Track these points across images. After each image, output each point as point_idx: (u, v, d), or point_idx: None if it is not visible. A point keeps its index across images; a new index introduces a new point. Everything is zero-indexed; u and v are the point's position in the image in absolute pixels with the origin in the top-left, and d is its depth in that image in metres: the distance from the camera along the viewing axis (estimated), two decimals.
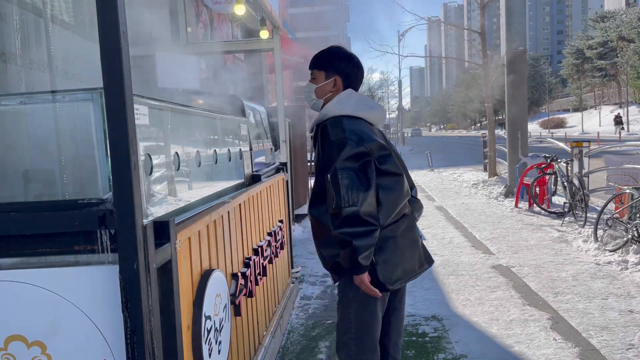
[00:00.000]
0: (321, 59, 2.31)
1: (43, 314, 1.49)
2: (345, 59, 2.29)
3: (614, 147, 9.66)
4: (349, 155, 2.04)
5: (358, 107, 2.21)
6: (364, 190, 2.01)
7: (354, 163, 2.04)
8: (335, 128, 2.11)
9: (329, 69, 2.27)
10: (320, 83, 2.28)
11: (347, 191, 2.00)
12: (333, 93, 2.26)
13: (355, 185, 2.00)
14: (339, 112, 2.18)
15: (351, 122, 2.14)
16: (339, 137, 2.08)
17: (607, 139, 28.27)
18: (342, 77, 2.26)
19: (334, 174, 2.03)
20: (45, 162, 1.61)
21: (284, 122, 4.92)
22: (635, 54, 45.19)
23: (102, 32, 1.34)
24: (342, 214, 1.99)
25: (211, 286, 1.97)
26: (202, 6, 8.65)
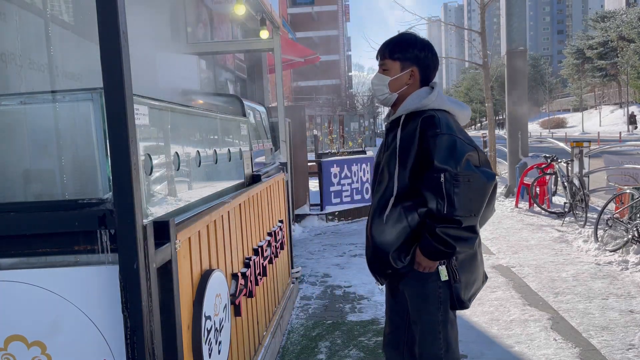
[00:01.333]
0: (395, 47, 2.05)
1: (43, 314, 1.49)
2: (424, 48, 2.05)
3: (614, 147, 9.66)
4: (467, 158, 1.88)
5: (450, 102, 2.04)
6: (485, 201, 1.90)
7: (473, 167, 1.89)
8: (446, 123, 1.93)
9: (405, 59, 2.03)
10: (395, 75, 2.04)
11: (469, 199, 1.86)
12: (410, 86, 2.05)
13: (480, 193, 1.87)
14: (441, 105, 1.99)
15: (454, 120, 2.00)
16: (451, 135, 1.91)
17: (607, 139, 28.26)
18: (420, 68, 2.04)
19: (452, 177, 1.85)
20: (45, 162, 1.60)
21: (284, 122, 4.92)
22: (635, 54, 45.17)
23: (102, 32, 1.34)
24: (458, 221, 1.87)
25: (211, 286, 1.97)
26: (202, 6, 8.65)
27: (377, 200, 2.05)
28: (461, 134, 1.94)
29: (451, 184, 1.84)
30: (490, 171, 1.93)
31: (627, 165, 7.19)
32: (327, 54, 44.01)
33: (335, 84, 47.20)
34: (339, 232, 7.60)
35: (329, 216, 8.26)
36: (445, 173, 1.85)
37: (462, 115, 2.07)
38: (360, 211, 8.57)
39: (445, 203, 1.85)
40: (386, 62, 2.06)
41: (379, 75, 2.08)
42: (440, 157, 1.86)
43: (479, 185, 1.87)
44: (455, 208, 1.85)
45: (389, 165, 2.01)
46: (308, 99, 37.00)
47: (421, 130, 1.93)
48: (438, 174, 1.86)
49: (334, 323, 3.94)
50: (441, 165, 1.86)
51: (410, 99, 2.01)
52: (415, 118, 1.96)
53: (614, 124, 47.46)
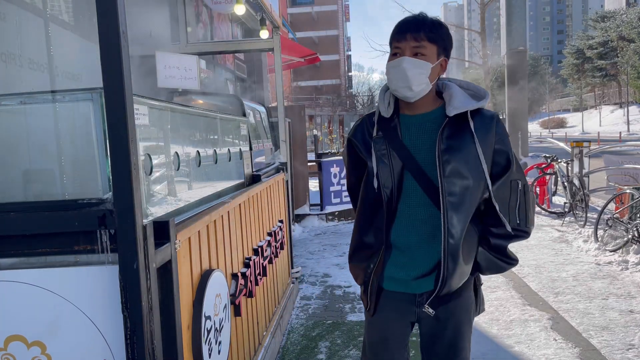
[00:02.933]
0: (435, 29, 1.69)
1: (43, 314, 1.49)
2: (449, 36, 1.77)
3: (614, 147, 9.65)
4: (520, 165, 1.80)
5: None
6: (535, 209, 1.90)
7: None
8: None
9: (441, 47, 1.71)
10: (434, 62, 1.70)
11: (532, 210, 1.78)
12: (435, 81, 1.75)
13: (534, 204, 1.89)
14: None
15: None
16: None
17: (607, 139, 28.25)
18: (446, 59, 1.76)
19: (524, 188, 1.74)
20: (45, 162, 1.60)
21: (284, 122, 4.92)
22: (635, 54, 45.17)
23: (102, 32, 1.34)
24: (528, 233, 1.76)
25: (211, 286, 1.97)
26: (202, 6, 8.65)
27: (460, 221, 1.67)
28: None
29: (524, 195, 1.73)
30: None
31: (627, 165, 7.19)
32: (327, 54, 44.01)
33: (335, 84, 47.16)
34: (339, 232, 7.60)
35: (329, 216, 8.26)
36: (520, 182, 1.74)
37: None
38: None
39: (518, 213, 1.73)
40: (425, 45, 1.66)
41: (416, 61, 1.65)
42: (515, 164, 1.73)
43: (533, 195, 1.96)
44: (527, 219, 1.75)
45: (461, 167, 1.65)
46: (308, 99, 37.00)
47: (497, 131, 1.70)
48: (516, 182, 1.73)
49: (334, 323, 3.94)
50: (517, 174, 1.73)
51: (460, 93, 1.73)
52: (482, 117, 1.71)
53: (614, 123, 47.46)
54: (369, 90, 51.26)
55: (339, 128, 24.93)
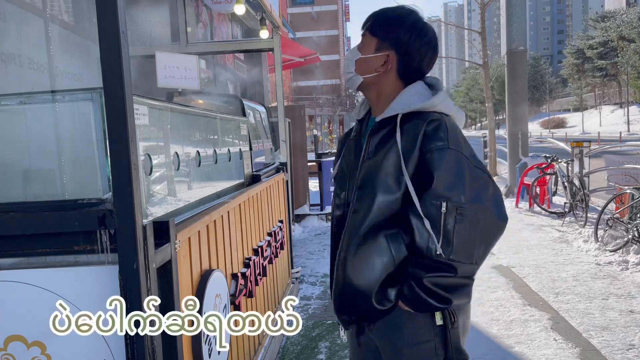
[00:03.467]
0: (378, 20, 1.55)
1: (43, 314, 1.49)
2: (413, 31, 1.52)
3: (614, 147, 9.65)
4: (478, 187, 1.41)
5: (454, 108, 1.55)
6: (493, 246, 1.43)
7: (485, 200, 1.40)
8: (454, 136, 1.43)
9: (383, 39, 1.53)
10: (367, 54, 1.55)
11: (474, 241, 1.38)
12: (381, 76, 1.54)
13: (489, 236, 1.41)
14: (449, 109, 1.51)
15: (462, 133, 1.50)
16: (461, 153, 1.42)
17: (607, 139, 28.27)
18: (399, 56, 1.52)
19: (455, 209, 1.37)
20: (45, 162, 1.60)
21: (284, 122, 4.92)
22: (635, 54, 45.17)
23: (102, 32, 1.34)
24: (453, 267, 1.38)
25: (211, 286, 1.97)
26: (202, 6, 8.65)
27: (355, 224, 1.49)
28: (470, 152, 1.46)
29: (453, 218, 1.36)
30: (504, 209, 1.45)
31: (627, 165, 7.19)
32: (327, 54, 44.02)
33: (335, 84, 47.20)
34: None
35: (329, 216, 8.26)
36: (448, 202, 1.36)
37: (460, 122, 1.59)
38: None
39: (440, 241, 1.37)
40: (365, 36, 1.57)
41: (353, 49, 1.59)
42: (443, 179, 1.38)
43: (488, 224, 1.39)
44: (452, 249, 1.36)
45: (375, 177, 1.47)
46: (308, 99, 37.01)
47: (425, 137, 1.42)
48: (438, 202, 1.37)
49: (334, 323, 3.94)
50: (444, 191, 1.37)
51: (407, 94, 1.50)
52: (415, 121, 1.45)
53: (614, 123, 47.47)
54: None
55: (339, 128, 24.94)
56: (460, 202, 1.37)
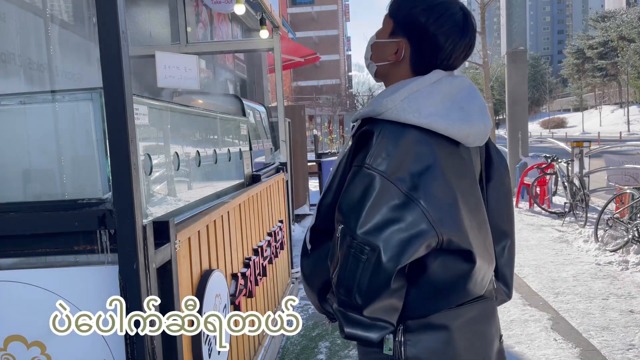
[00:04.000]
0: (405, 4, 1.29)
1: (43, 314, 1.49)
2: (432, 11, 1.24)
3: (614, 147, 9.65)
4: (384, 219, 1.13)
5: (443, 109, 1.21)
6: (377, 289, 1.15)
7: (384, 236, 1.13)
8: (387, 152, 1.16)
9: (398, 23, 1.28)
10: (382, 38, 1.32)
11: (353, 278, 1.16)
12: (393, 66, 1.30)
13: (368, 279, 1.14)
14: (403, 116, 1.19)
15: (419, 145, 1.18)
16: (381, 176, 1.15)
17: (607, 139, 28.27)
18: (412, 44, 1.26)
19: (346, 237, 1.16)
20: (45, 162, 1.60)
21: (284, 122, 4.92)
22: (635, 54, 45.19)
23: (102, 32, 1.34)
24: (337, 298, 1.22)
25: (211, 286, 1.96)
26: (202, 6, 8.65)
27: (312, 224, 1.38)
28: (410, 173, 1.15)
29: (342, 246, 1.17)
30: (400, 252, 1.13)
31: (627, 165, 7.19)
32: (327, 54, 44.01)
33: (335, 84, 47.21)
34: None
35: None
36: (344, 227, 1.17)
37: (460, 134, 1.22)
38: None
39: (332, 264, 1.22)
40: (385, 16, 1.34)
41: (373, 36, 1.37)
42: (346, 201, 1.18)
43: (372, 268, 1.13)
44: (337, 279, 1.19)
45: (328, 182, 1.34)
46: (308, 99, 37.02)
47: (353, 150, 1.24)
48: (337, 223, 1.20)
49: (334, 323, 3.94)
50: (342, 215, 1.18)
51: (379, 94, 1.27)
52: (360, 126, 1.27)
53: (615, 123, 47.47)
54: (369, 90, 51.25)
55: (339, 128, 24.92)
56: (351, 230, 1.15)
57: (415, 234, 1.14)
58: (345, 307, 1.20)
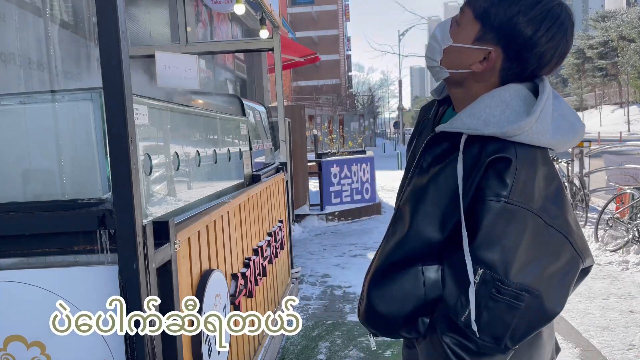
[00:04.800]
0: (500, 6, 1.08)
1: (42, 314, 1.49)
2: (543, 22, 1.06)
3: (614, 147, 9.65)
4: (545, 254, 1.05)
5: (555, 123, 1.10)
6: (529, 332, 1.07)
7: (536, 283, 1.04)
8: (525, 183, 1.05)
9: (490, 27, 1.10)
10: (462, 42, 1.13)
11: (506, 325, 1.05)
12: (476, 75, 1.14)
13: (529, 325, 1.06)
14: (540, 139, 1.07)
15: (548, 172, 1.09)
16: (526, 211, 1.04)
17: (607, 139, 28.27)
18: (507, 56, 1.10)
19: (493, 283, 1.05)
20: (45, 162, 1.60)
21: (284, 122, 4.92)
22: (636, 54, 45.19)
23: (102, 32, 1.33)
24: (475, 342, 1.07)
25: (211, 286, 1.96)
26: (202, 6, 8.65)
27: (388, 249, 1.24)
28: (544, 204, 1.06)
29: (488, 293, 1.05)
30: (564, 295, 1.09)
31: (627, 165, 7.19)
32: (327, 54, 44.02)
33: (335, 84, 47.20)
34: (339, 232, 7.60)
35: (329, 216, 8.26)
36: (486, 272, 1.05)
37: (565, 145, 1.14)
38: (360, 211, 8.57)
39: (468, 309, 1.07)
40: (465, 12, 1.14)
41: (445, 26, 1.17)
42: (487, 242, 1.05)
43: (532, 314, 1.05)
44: (479, 326, 1.06)
45: (419, 202, 1.18)
46: (308, 99, 37.03)
47: (484, 179, 1.07)
48: (474, 266, 1.06)
49: (334, 323, 3.94)
50: (483, 257, 1.05)
51: (482, 104, 1.11)
52: (481, 146, 1.09)
53: (615, 123, 47.48)
54: (369, 90, 51.26)
55: (339, 128, 24.94)
56: (501, 277, 1.04)
57: (569, 270, 1.08)
58: (477, 355, 1.07)
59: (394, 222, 1.26)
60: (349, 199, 8.61)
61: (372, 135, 39.04)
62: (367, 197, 8.87)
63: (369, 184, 8.95)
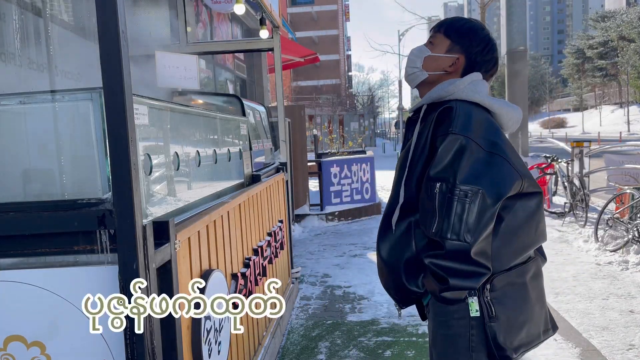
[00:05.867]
0: (454, 26, 1.68)
1: (42, 314, 1.49)
2: (486, 45, 1.65)
3: (614, 147, 9.65)
4: (485, 167, 1.43)
5: (491, 98, 1.61)
6: (484, 225, 1.41)
7: (480, 181, 1.41)
8: (465, 119, 1.48)
9: (457, 43, 1.65)
10: (439, 53, 1.65)
11: (460, 220, 1.40)
12: (445, 75, 1.65)
13: (475, 216, 1.39)
14: (470, 95, 1.55)
15: (486, 117, 1.54)
16: (466, 137, 1.45)
17: (607, 139, 28.27)
18: (467, 62, 1.64)
19: (448, 190, 1.42)
20: (45, 162, 1.60)
21: (284, 122, 4.92)
22: (635, 54, 45.19)
23: (102, 32, 1.33)
24: (445, 246, 1.42)
25: (211, 286, 1.96)
26: (202, 6, 8.65)
27: (385, 208, 1.65)
28: (485, 137, 1.47)
29: (444, 198, 1.42)
30: (502, 189, 1.43)
31: (627, 165, 7.19)
32: (327, 54, 44.02)
33: (335, 84, 47.19)
34: (339, 232, 7.60)
35: (329, 216, 8.26)
36: (442, 184, 1.43)
37: (507, 115, 1.62)
38: (360, 211, 8.57)
39: (435, 221, 1.44)
40: (437, 37, 1.68)
41: (420, 47, 1.69)
42: (440, 163, 1.45)
43: (479, 205, 1.40)
44: (436, 224, 1.43)
45: (400, 167, 1.61)
46: (308, 99, 37.02)
47: (435, 124, 1.51)
48: (433, 184, 1.45)
49: (334, 323, 3.94)
50: (439, 174, 1.44)
51: (439, 85, 1.60)
52: (432, 110, 1.56)
53: (615, 123, 47.48)
54: (369, 90, 51.24)
55: (339, 128, 24.94)
56: (451, 183, 1.42)
57: (507, 175, 1.44)
58: (449, 258, 1.41)
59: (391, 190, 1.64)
60: (349, 199, 8.61)
61: (372, 135, 39.02)
62: (367, 197, 8.87)
63: (369, 184, 8.96)
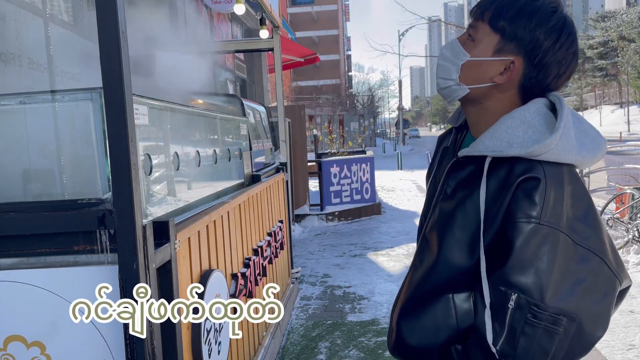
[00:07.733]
0: (507, 11, 1.08)
1: (42, 315, 1.49)
2: (559, 33, 1.07)
3: (614, 147, 9.64)
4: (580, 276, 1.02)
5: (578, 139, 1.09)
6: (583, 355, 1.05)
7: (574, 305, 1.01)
8: (554, 203, 1.02)
9: (511, 37, 1.08)
10: (482, 55, 1.11)
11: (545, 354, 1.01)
12: (496, 88, 1.11)
13: (565, 346, 1.01)
14: (565, 155, 1.05)
15: (576, 190, 1.07)
16: (556, 231, 1.01)
17: (608, 139, 28.24)
18: (528, 65, 1.09)
19: (529, 309, 1.00)
20: (45, 162, 1.60)
21: (284, 122, 4.92)
22: (635, 54, 45.21)
23: (102, 32, 1.33)
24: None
25: (211, 286, 1.96)
26: (202, 6, 8.65)
27: (417, 279, 1.20)
28: (573, 224, 1.03)
29: (524, 318, 1.00)
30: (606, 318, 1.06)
31: (627, 165, 7.19)
32: (327, 54, 44.03)
33: (335, 84, 47.20)
34: (339, 232, 7.60)
35: (329, 216, 8.26)
36: (521, 296, 1.00)
37: (591, 161, 1.13)
38: (360, 211, 8.57)
39: (503, 336, 1.02)
40: (479, 27, 1.12)
41: (454, 45, 1.14)
42: (519, 265, 1.01)
43: (571, 339, 1.02)
44: (516, 354, 1.01)
45: (446, 228, 1.14)
46: (308, 99, 37.03)
47: (513, 200, 1.04)
48: (508, 291, 1.01)
49: (334, 323, 3.94)
50: (517, 281, 1.01)
51: (503, 125, 1.08)
52: (509, 167, 1.06)
53: (615, 123, 47.48)
54: (369, 90, 51.25)
55: (339, 128, 24.95)
56: (537, 301, 0.99)
57: (607, 291, 1.06)
58: None
59: (421, 251, 1.22)
60: (349, 199, 8.61)
61: (372, 135, 39.05)
62: (367, 197, 8.87)
63: (368, 184, 8.96)
